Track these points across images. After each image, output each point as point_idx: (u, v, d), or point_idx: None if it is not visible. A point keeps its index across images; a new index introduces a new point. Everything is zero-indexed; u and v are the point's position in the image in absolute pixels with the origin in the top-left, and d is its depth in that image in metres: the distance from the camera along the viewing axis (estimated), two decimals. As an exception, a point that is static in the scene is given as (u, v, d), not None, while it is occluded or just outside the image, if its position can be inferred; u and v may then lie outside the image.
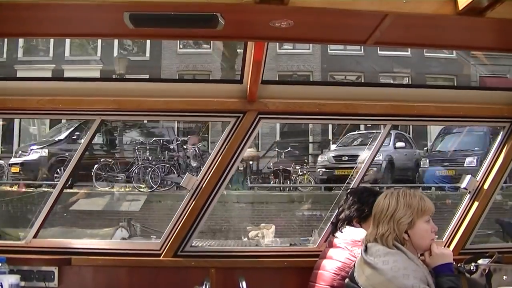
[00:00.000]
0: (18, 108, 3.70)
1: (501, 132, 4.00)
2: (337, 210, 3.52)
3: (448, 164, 17.04)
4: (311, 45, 22.74)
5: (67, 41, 22.29)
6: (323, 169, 17.28)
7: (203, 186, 3.80)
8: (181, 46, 23.83)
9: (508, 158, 3.95)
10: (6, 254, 3.47)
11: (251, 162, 17.61)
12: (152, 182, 15.21)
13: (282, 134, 23.17)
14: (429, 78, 24.21)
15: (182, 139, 17.83)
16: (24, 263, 3.66)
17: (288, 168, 17.44)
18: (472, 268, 3.28)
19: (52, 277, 3.69)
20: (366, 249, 2.79)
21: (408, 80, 24.28)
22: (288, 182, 17.37)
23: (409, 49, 21.91)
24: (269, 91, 3.73)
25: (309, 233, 9.77)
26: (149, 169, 15.41)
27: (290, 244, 7.02)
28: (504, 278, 3.25)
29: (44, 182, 15.17)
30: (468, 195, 4.09)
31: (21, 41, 22.30)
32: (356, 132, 19.64)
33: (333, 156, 17.65)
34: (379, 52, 23.63)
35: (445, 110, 3.91)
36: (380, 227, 2.76)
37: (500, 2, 2.31)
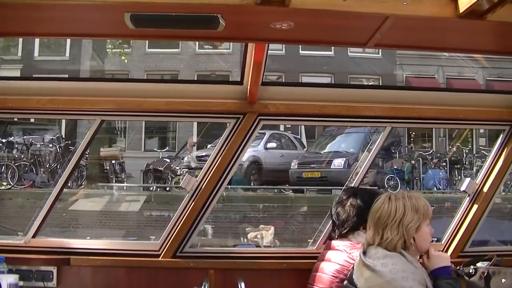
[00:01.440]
0: (18, 108, 3.70)
1: (501, 135, 4.01)
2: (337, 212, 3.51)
3: (315, 166, 16.77)
4: (230, 44, 21.82)
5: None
6: (186, 169, 16.47)
7: (203, 187, 3.80)
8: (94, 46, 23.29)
9: (508, 161, 3.95)
10: (5, 253, 3.47)
11: (113, 161, 17.37)
12: (11, 180, 15.39)
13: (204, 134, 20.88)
14: (352, 78, 23.98)
15: (51, 137, 17.77)
16: (23, 263, 3.66)
17: (159, 168, 16.84)
18: (471, 271, 3.27)
19: (51, 277, 3.68)
20: (364, 252, 2.78)
21: (331, 80, 23.91)
22: (162, 183, 16.87)
23: (332, 48, 21.43)
24: (269, 92, 3.73)
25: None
26: (8, 167, 15.49)
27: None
28: (503, 281, 3.24)
29: None
30: (468, 198, 4.09)
31: None
32: None
33: (196, 156, 16.94)
34: (300, 52, 23.37)
35: (445, 113, 3.92)
36: (387, 233, 2.72)
37: (501, 5, 2.31)
